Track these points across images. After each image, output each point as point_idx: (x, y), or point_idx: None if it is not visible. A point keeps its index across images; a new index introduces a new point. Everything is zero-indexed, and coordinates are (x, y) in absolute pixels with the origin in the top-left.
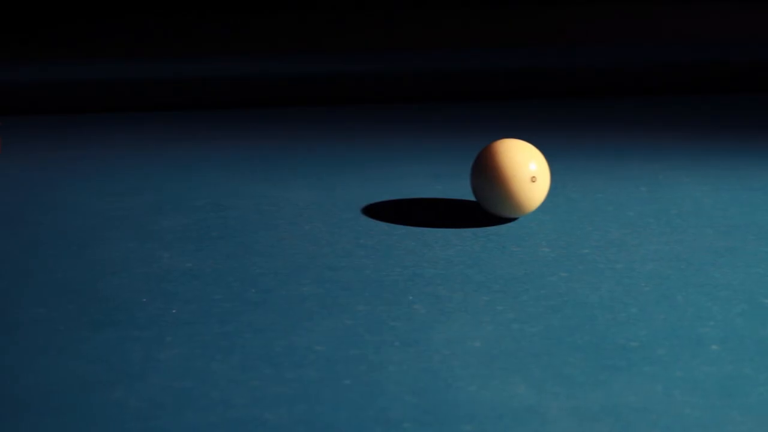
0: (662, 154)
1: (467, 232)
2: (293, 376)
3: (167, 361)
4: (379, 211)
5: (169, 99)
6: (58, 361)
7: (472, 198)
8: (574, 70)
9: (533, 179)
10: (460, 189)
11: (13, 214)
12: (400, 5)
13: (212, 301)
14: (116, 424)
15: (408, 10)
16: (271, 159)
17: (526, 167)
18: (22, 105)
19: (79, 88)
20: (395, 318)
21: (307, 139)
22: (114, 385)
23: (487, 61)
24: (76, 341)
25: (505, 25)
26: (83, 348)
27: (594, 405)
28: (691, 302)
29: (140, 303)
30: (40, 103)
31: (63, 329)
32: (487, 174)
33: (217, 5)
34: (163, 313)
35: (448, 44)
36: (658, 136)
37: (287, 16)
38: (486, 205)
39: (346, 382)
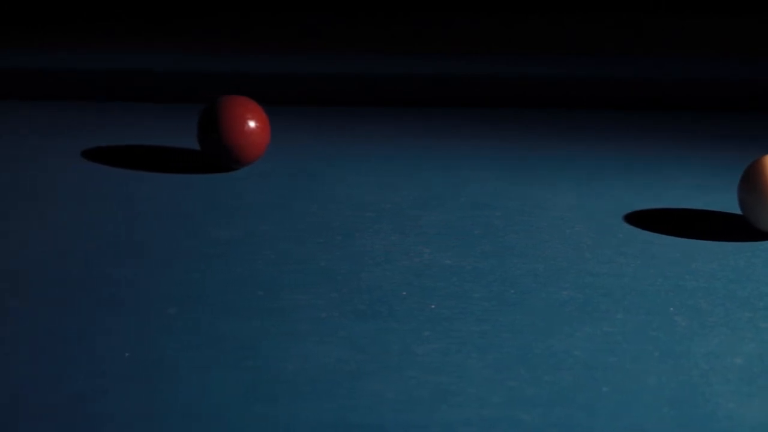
0: None
1: (731, 246)
2: (550, 379)
3: (424, 356)
4: (642, 219)
5: (428, 94)
6: (319, 348)
7: (738, 211)
8: None
9: None
10: (726, 201)
11: (281, 202)
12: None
13: (471, 299)
14: (373, 414)
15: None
16: (532, 160)
17: None
18: (287, 95)
19: (340, 81)
20: (655, 328)
21: (568, 141)
22: (372, 376)
23: (752, 70)
24: (337, 329)
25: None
26: (344, 336)
27: None
28: None
29: (400, 296)
30: (304, 93)
31: (325, 317)
32: (757, 188)
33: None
34: (422, 307)
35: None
36: None
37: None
38: (753, 220)
39: (604, 389)
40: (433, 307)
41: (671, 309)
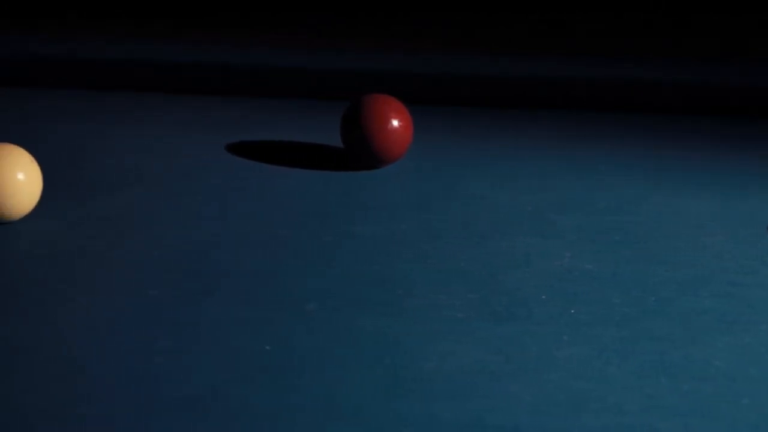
0: None
1: None
2: (689, 389)
3: (564, 360)
4: None
5: (565, 97)
6: (457, 348)
7: None
8: None
9: None
10: None
11: (421, 201)
12: None
13: (611, 305)
14: (510, 416)
15: None
16: (668, 166)
17: None
18: (428, 95)
19: (482, 81)
20: None
21: (702, 149)
22: (510, 378)
23: None
24: (475, 330)
25: None
26: (482, 337)
27: None
28: None
29: (540, 299)
30: (446, 93)
31: (462, 317)
32: None
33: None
34: (562, 312)
35: None
36: None
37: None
38: None
39: (745, 402)
40: (573, 312)
41: None
